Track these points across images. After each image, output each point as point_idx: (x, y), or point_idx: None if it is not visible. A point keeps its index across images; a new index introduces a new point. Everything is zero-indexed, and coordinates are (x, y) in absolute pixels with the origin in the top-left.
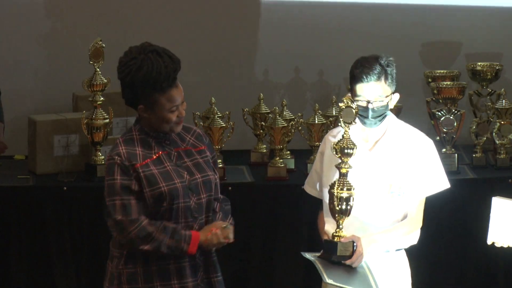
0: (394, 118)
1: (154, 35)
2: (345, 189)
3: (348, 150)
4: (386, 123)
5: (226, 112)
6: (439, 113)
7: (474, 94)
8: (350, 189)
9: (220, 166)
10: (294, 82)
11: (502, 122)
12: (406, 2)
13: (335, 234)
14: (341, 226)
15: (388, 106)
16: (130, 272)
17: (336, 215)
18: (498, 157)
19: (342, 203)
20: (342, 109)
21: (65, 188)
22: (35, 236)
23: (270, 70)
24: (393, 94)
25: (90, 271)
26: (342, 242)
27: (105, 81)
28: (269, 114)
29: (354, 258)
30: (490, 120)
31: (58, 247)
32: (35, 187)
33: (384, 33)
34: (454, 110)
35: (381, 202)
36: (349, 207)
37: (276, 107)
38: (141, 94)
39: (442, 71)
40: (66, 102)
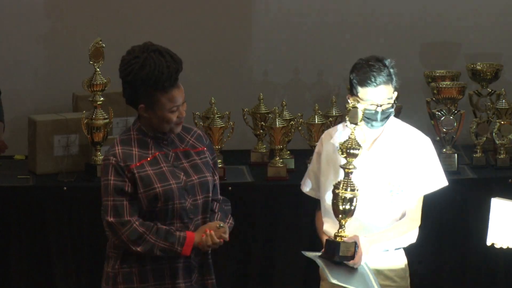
0: (391, 117)
1: (154, 35)
2: (349, 189)
3: (353, 151)
4: None
5: (226, 112)
6: (439, 113)
7: (474, 94)
8: (354, 189)
9: (220, 166)
10: (293, 82)
11: (502, 122)
12: (406, 2)
13: (338, 234)
14: (343, 227)
15: (394, 106)
16: (126, 272)
17: (340, 216)
18: (498, 157)
19: (346, 204)
20: (348, 110)
21: (65, 188)
22: (35, 236)
23: (269, 70)
24: (393, 92)
25: (90, 271)
26: (345, 243)
27: (105, 81)
28: (269, 114)
29: (357, 259)
30: (490, 120)
31: (58, 247)
32: (35, 187)
33: (384, 33)
34: (454, 110)
35: (380, 201)
36: (352, 208)
37: (276, 107)
38: (142, 93)
39: (442, 71)
40: (66, 102)
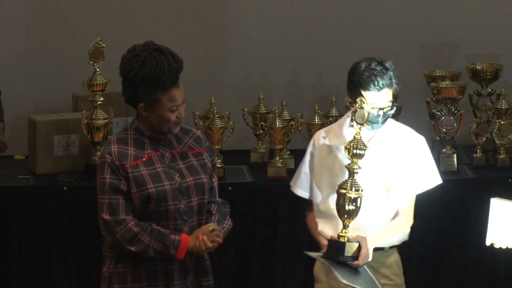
0: None
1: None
2: (353, 189)
3: (359, 151)
4: None
5: (226, 112)
6: (439, 113)
7: (474, 94)
8: (358, 190)
9: (220, 166)
10: (293, 82)
11: (502, 122)
12: (406, 2)
13: (341, 235)
14: (347, 227)
15: (394, 107)
16: (120, 271)
17: (345, 216)
18: (498, 157)
19: (351, 204)
20: (354, 110)
21: (65, 188)
22: (35, 236)
23: (269, 70)
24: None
25: (90, 271)
26: (350, 243)
27: (105, 81)
28: (269, 114)
29: (361, 260)
30: (490, 120)
31: (58, 247)
32: (35, 187)
33: (384, 33)
34: (454, 110)
35: (376, 200)
36: (357, 208)
37: (276, 107)
38: (142, 92)
39: (442, 71)
40: (66, 102)
